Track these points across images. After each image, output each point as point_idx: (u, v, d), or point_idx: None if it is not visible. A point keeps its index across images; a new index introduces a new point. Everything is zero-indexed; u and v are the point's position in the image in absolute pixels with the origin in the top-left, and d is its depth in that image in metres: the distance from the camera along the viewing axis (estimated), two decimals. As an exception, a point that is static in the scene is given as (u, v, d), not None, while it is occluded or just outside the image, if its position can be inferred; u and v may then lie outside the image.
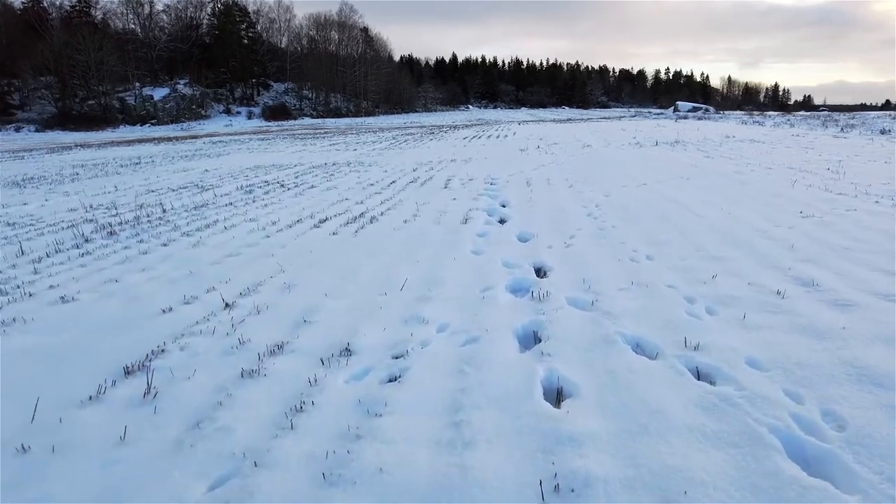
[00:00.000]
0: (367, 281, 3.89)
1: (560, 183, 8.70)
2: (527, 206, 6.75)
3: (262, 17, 68.03)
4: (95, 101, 49.49)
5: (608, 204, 6.60)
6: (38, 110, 48.04)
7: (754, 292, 3.32)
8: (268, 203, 7.87)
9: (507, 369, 2.46)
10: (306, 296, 3.66)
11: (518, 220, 5.88)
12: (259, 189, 9.38)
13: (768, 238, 4.63)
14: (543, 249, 4.60)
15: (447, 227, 5.63)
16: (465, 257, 4.45)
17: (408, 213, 6.56)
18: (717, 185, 7.77)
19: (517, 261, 4.28)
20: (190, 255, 5.12)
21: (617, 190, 7.67)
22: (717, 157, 11.49)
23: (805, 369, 2.32)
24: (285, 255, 4.82)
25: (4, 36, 46.72)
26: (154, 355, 2.87)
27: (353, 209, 7.03)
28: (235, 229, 6.12)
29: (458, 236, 5.20)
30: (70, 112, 47.33)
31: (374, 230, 5.63)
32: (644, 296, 3.33)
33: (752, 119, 31.08)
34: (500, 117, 54.79)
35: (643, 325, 2.88)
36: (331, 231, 5.69)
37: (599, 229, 5.25)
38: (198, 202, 8.21)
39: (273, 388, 2.45)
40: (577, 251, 4.46)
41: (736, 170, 9.37)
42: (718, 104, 79.18)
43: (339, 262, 4.45)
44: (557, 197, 7.32)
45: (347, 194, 8.42)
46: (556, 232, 5.25)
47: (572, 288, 3.55)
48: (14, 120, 45.72)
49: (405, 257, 4.50)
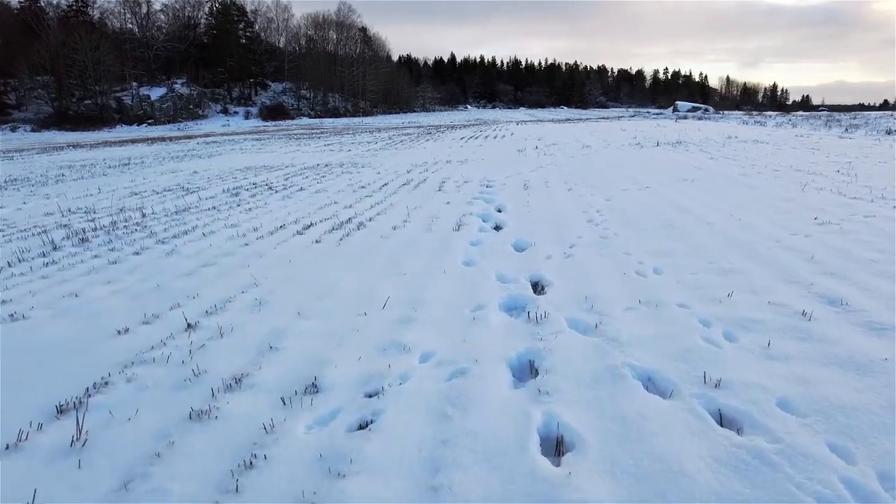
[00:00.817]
0: (346, 298, 3.53)
1: (559, 186, 8.34)
2: (524, 210, 6.40)
3: (259, 16, 67.65)
4: (92, 101, 49.06)
5: (610, 209, 6.24)
6: (35, 110, 47.62)
7: (776, 313, 2.96)
8: (253, 207, 7.50)
9: (499, 413, 2.10)
10: (277, 315, 3.30)
11: (514, 227, 5.52)
12: (246, 192, 9.01)
13: (784, 248, 4.27)
14: (541, 260, 4.24)
15: (438, 235, 5.27)
16: (456, 270, 4.09)
17: (398, 218, 6.19)
18: (723, 188, 7.42)
19: (512, 274, 3.92)
20: (161, 265, 4.75)
21: (618, 193, 7.31)
22: (720, 159, 11.14)
23: (850, 415, 1.96)
24: (261, 267, 4.45)
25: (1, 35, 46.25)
26: (95, 389, 2.50)
27: (340, 214, 6.67)
28: (214, 236, 5.76)
29: (449, 245, 4.84)
30: (67, 112, 46.90)
31: (361, 238, 5.27)
32: (654, 317, 2.97)
33: (754, 119, 30.76)
34: (498, 117, 54.44)
35: (655, 355, 2.52)
36: (314, 239, 5.32)
37: (601, 237, 4.89)
38: (180, 206, 7.84)
39: (223, 434, 2.08)
40: (578, 262, 4.10)
41: (742, 172, 9.02)
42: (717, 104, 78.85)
43: (319, 275, 4.09)
44: (556, 201, 6.97)
45: (337, 197, 8.05)
46: (555, 240, 4.89)
47: (573, 307, 3.19)
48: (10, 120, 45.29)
49: (391, 269, 4.14)
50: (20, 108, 48.08)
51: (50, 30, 48.47)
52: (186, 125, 50.15)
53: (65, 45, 46.44)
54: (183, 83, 58.07)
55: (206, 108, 58.53)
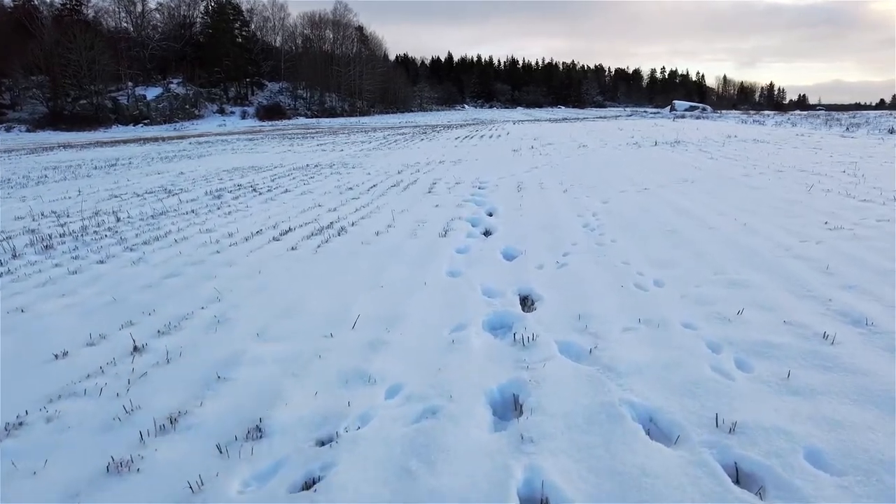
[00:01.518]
0: (313, 315, 3.18)
1: (554, 187, 8.00)
2: (516, 214, 6.05)
3: (256, 15, 67.16)
4: (88, 101, 48.57)
5: (607, 212, 5.90)
6: (30, 110, 47.13)
7: (794, 335, 2.62)
8: (233, 210, 7.14)
9: (473, 467, 1.75)
10: (235, 336, 2.95)
11: (505, 232, 5.17)
12: (229, 194, 8.65)
13: (796, 257, 3.94)
14: (532, 270, 3.89)
15: (424, 242, 4.92)
16: (440, 281, 3.74)
17: (382, 223, 5.84)
18: (725, 190, 7.08)
19: (500, 286, 3.57)
20: (124, 276, 4.40)
21: (616, 196, 6.97)
22: (721, 159, 10.81)
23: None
24: (229, 278, 4.10)
25: (-5, 35, 45.79)
26: (7, 432, 2.15)
27: (322, 218, 6.32)
28: (186, 242, 5.40)
29: (434, 253, 4.49)
30: (62, 112, 46.43)
31: (340, 245, 4.92)
32: (656, 341, 2.63)
33: (752, 118, 30.47)
34: (495, 117, 54.10)
35: (658, 389, 2.17)
36: (290, 246, 4.96)
37: (597, 244, 4.55)
38: (158, 209, 7.48)
39: (141, 493, 1.74)
40: (572, 273, 3.76)
41: (744, 172, 8.69)
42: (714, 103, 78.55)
43: (288, 288, 3.74)
44: (550, 204, 6.62)
45: (322, 200, 7.70)
46: (548, 247, 4.55)
47: (565, 326, 2.85)
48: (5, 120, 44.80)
49: (368, 281, 3.79)
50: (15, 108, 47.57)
51: (44, 29, 47.96)
52: (182, 125, 49.70)
53: (59, 45, 45.96)
54: (179, 83, 57.61)
55: (202, 108, 58.08)
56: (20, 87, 47.61)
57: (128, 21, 58.91)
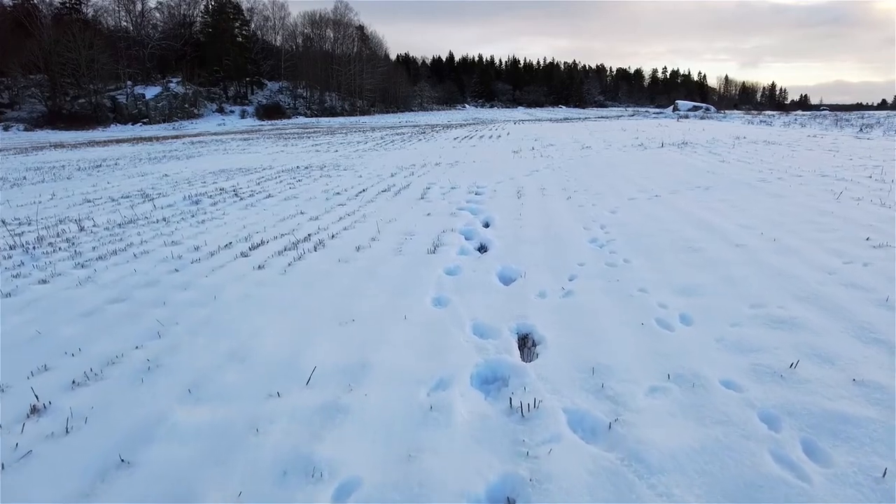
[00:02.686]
0: (263, 361, 2.59)
1: (556, 193, 7.40)
2: (515, 225, 5.45)
3: (256, 14, 66.59)
4: (86, 100, 48.06)
5: (616, 224, 5.30)
6: (29, 109, 46.63)
7: (873, 404, 2.02)
8: (207, 219, 6.55)
9: None
10: (160, 392, 2.36)
11: (502, 248, 4.57)
12: (208, 199, 8.06)
13: (844, 284, 3.34)
14: (532, 300, 3.29)
15: (409, 259, 4.32)
16: (422, 313, 3.15)
17: (366, 235, 5.24)
18: (744, 198, 6.48)
19: (494, 321, 2.98)
20: (63, 300, 3.81)
21: (625, 204, 6.37)
22: (733, 162, 10.20)
23: None
24: (179, 305, 3.51)
25: (-6, 33, 45.34)
26: None
27: (301, 228, 5.72)
28: (146, 258, 4.81)
29: (420, 275, 3.89)
30: (60, 111, 45.92)
31: (314, 263, 4.32)
32: (692, 409, 2.03)
33: (759, 119, 29.84)
34: (496, 116, 53.51)
35: (705, 497, 1.58)
36: (258, 263, 4.37)
37: (608, 265, 3.95)
38: (128, 217, 6.90)
39: None
40: (581, 305, 3.16)
41: (760, 177, 8.08)
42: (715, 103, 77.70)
43: (243, 321, 3.15)
44: (553, 213, 6.02)
45: (306, 206, 7.11)
46: (551, 268, 3.95)
47: (575, 385, 2.25)
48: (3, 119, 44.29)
49: (338, 312, 3.20)
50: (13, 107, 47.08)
51: (43, 28, 47.46)
52: (181, 125, 49.18)
53: (58, 44, 45.46)
54: (178, 82, 57.06)
55: (201, 107, 57.57)
56: (19, 85, 47.14)
57: (127, 20, 58.36)
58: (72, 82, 47.83)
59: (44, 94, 47.20)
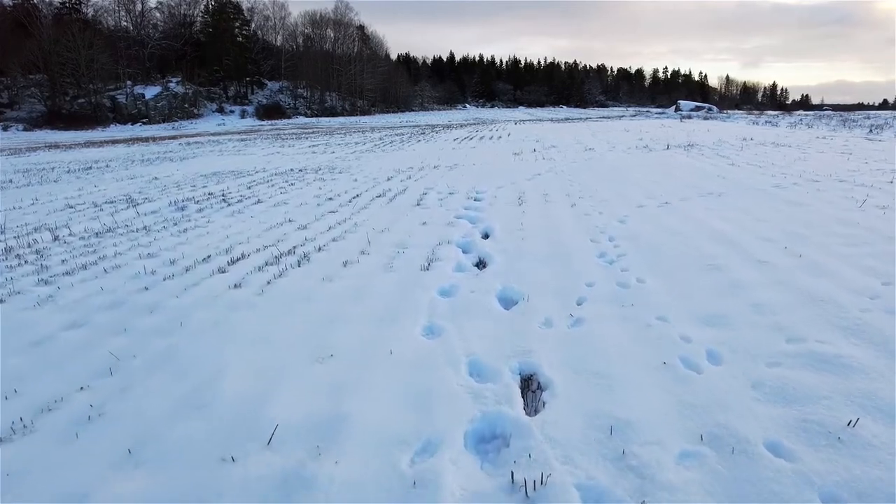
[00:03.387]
0: (218, 414, 2.20)
1: (560, 199, 7.01)
2: (516, 237, 5.06)
3: (256, 14, 66.23)
4: (86, 100, 47.79)
5: (626, 236, 4.91)
6: (28, 109, 46.37)
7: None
8: (190, 227, 6.18)
9: None
10: (93, 455, 1.97)
11: (503, 264, 4.18)
12: (195, 205, 7.69)
13: (890, 311, 2.94)
14: (536, 331, 2.91)
15: (400, 277, 3.94)
16: (411, 347, 2.76)
17: (355, 247, 4.86)
18: (760, 205, 6.09)
19: (493, 358, 2.59)
20: (14, 324, 3.44)
21: (633, 212, 5.98)
22: (743, 166, 9.81)
23: None
24: (141, 333, 3.13)
25: (-6, 33, 45.09)
26: None
27: (287, 239, 5.34)
28: (116, 273, 4.44)
29: (411, 296, 3.51)
30: (60, 111, 45.67)
31: (295, 281, 3.94)
32: (735, 486, 1.65)
33: (764, 119, 29.43)
34: (496, 116, 53.14)
35: None
36: (234, 282, 3.98)
37: (621, 286, 3.56)
38: (108, 225, 6.52)
39: None
40: (592, 338, 2.77)
41: (775, 183, 7.69)
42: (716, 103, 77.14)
43: (206, 356, 2.76)
44: (557, 222, 5.63)
45: (295, 214, 6.72)
46: (557, 288, 3.56)
47: (590, 448, 1.86)
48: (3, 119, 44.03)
49: (314, 346, 2.81)
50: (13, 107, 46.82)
51: (43, 27, 47.18)
52: (181, 125, 48.88)
53: (58, 43, 45.19)
54: (178, 82, 56.74)
55: (201, 107, 57.27)
56: (18, 85, 46.89)
57: (127, 20, 58.05)
58: (71, 82, 47.58)
59: (43, 94, 46.95)
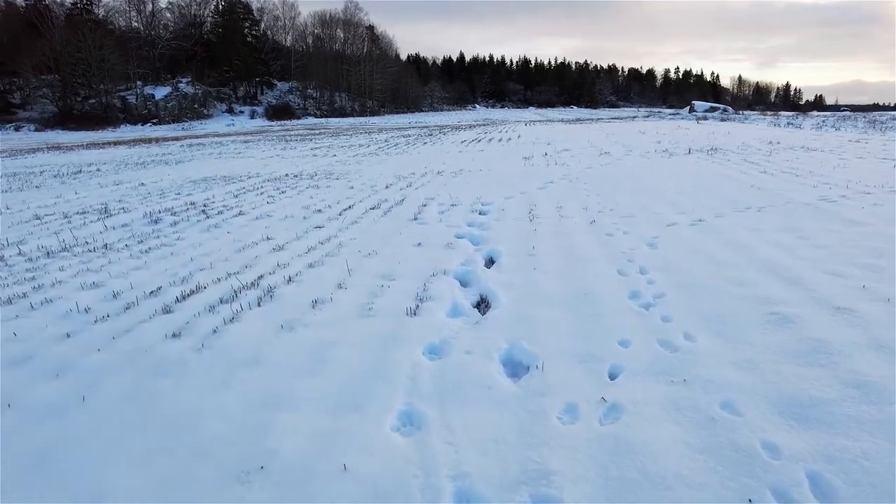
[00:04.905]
0: None
1: (577, 214, 6.17)
2: (527, 265, 4.23)
3: (266, 14, 65.94)
4: (97, 101, 47.74)
5: (660, 266, 4.05)
6: (40, 109, 46.41)
7: None
8: (155, 246, 5.42)
9: None
10: None
11: (509, 308, 3.35)
12: (171, 217, 6.95)
13: None
14: (554, 426, 2.08)
15: (379, 327, 3.12)
16: (375, 456, 1.95)
17: (332, 278, 4.05)
18: (812, 226, 5.20)
19: (492, 488, 1.77)
20: None
21: (664, 232, 5.13)
22: (777, 174, 8.89)
23: None
24: (22, 416, 2.35)
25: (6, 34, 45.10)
26: None
27: (257, 264, 4.55)
28: (43, 311, 3.68)
29: (388, 361, 2.70)
30: (71, 111, 45.64)
31: (247, 328, 3.14)
32: None
33: (785, 121, 28.22)
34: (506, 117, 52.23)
35: None
36: (175, 328, 3.18)
37: (664, 346, 2.72)
38: (67, 243, 5.79)
39: None
40: (638, 446, 1.94)
41: (820, 195, 6.78)
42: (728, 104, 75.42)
43: (93, 461, 1.97)
44: (575, 245, 4.79)
45: (275, 229, 5.95)
46: (580, 352, 2.72)
47: None
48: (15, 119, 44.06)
49: (240, 446, 2.01)
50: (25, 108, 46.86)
51: (54, 28, 47.19)
52: (191, 125, 48.62)
53: (69, 44, 45.16)
54: (188, 82, 56.52)
55: (211, 107, 57.05)
56: (31, 86, 46.96)
57: (138, 20, 57.96)
58: (82, 83, 47.54)
59: (55, 95, 46.97)
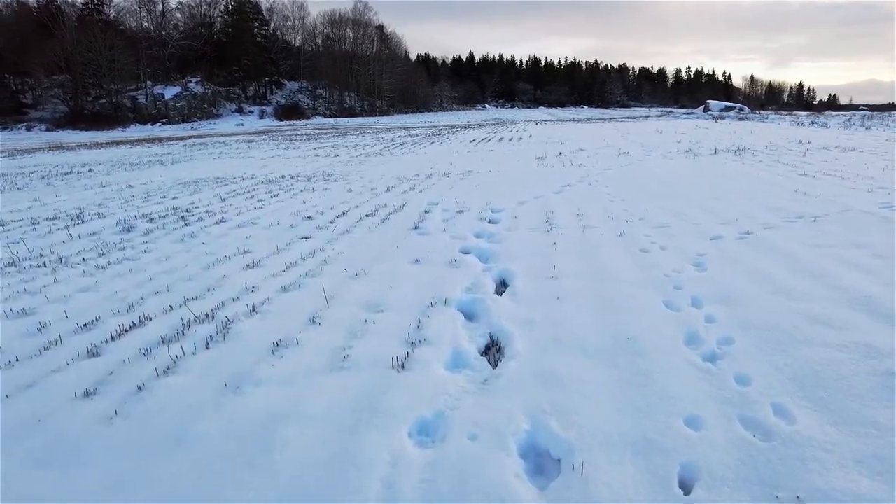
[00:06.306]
0: None
1: (602, 223, 5.36)
2: (548, 292, 3.43)
3: (275, 14, 65.63)
4: (107, 100, 47.71)
5: (717, 297, 3.23)
6: (51, 109, 46.43)
7: None
8: (115, 261, 4.69)
9: None
10: None
11: (528, 357, 2.56)
12: (145, 224, 6.24)
13: None
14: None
15: (354, 392, 2.34)
16: None
17: (306, 308, 3.28)
18: (880, 238, 4.35)
19: None
20: None
21: (709, 248, 4.30)
22: (819, 176, 8.00)
23: None
24: None
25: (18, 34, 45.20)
26: None
27: (222, 287, 3.80)
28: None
29: (362, 446, 1.92)
30: (82, 111, 45.63)
31: (181, 386, 2.38)
32: None
33: (809, 120, 27.08)
34: (516, 117, 51.28)
35: None
36: (90, 384, 2.42)
37: (751, 429, 1.91)
38: (19, 255, 5.10)
39: None
40: None
41: (878, 202, 5.92)
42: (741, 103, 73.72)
43: None
44: (606, 267, 3.97)
45: (256, 240, 5.20)
46: (631, 437, 1.93)
47: None
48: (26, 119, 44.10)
49: None
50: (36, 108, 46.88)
51: (66, 28, 47.19)
52: (200, 124, 48.36)
53: (80, 44, 45.16)
54: (197, 82, 56.29)
55: (220, 107, 56.79)
56: (42, 86, 47.01)
57: (148, 21, 57.84)
58: (93, 83, 47.53)
59: (66, 95, 47.00)
